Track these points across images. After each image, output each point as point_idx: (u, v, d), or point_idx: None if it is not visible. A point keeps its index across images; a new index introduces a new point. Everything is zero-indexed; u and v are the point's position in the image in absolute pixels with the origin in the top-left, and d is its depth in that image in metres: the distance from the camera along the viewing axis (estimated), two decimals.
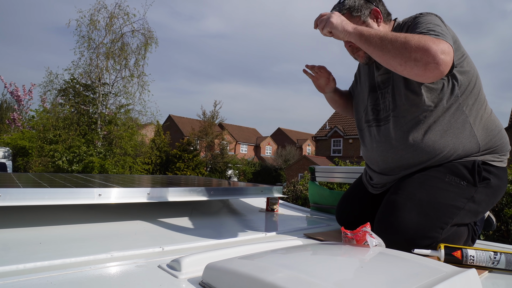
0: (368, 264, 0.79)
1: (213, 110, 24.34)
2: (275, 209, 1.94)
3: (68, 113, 11.83)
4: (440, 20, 1.22)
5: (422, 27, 1.16)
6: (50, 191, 1.19)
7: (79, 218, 1.43)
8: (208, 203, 2.09)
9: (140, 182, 1.93)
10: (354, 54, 1.38)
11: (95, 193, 1.27)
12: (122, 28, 12.53)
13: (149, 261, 0.92)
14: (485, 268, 0.97)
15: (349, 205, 1.54)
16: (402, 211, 1.15)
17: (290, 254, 0.84)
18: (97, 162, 11.15)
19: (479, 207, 1.22)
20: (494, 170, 1.24)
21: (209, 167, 24.54)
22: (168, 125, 30.27)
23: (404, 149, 1.26)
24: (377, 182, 1.41)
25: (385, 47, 1.10)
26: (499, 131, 1.28)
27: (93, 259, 0.91)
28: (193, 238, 1.21)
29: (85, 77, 12.17)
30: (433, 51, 1.04)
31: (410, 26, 1.24)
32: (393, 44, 1.09)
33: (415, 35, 1.09)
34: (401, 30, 1.29)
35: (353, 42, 1.19)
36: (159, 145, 21.40)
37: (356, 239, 0.96)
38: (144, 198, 1.39)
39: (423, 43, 1.05)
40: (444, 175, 1.20)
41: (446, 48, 1.06)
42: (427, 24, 1.16)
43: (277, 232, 1.40)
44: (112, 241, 1.12)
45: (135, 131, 12.78)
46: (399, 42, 1.08)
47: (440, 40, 1.08)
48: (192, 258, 0.84)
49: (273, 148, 41.89)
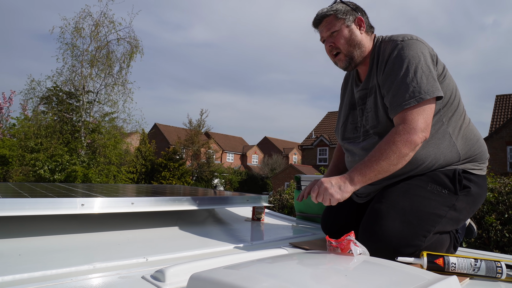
0: (352, 272, 0.80)
1: (200, 119, 24.23)
2: (261, 218, 1.94)
3: (51, 121, 11.59)
4: (424, 46, 1.25)
5: (405, 83, 1.19)
6: (30, 201, 1.16)
7: (60, 229, 1.40)
8: (194, 212, 2.07)
9: (125, 191, 1.90)
10: (335, 58, 1.39)
11: (77, 203, 1.25)
12: (107, 36, 12.45)
13: (132, 272, 0.90)
14: (466, 275, 0.99)
15: (334, 214, 1.55)
16: (386, 219, 1.17)
17: (275, 264, 0.84)
18: (80, 171, 10.92)
19: (460, 214, 1.25)
20: (474, 178, 1.27)
21: (195, 176, 24.35)
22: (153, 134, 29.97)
23: None
24: (362, 192, 1.43)
25: (384, 170, 1.18)
26: (477, 140, 1.32)
27: (75, 270, 0.89)
28: (177, 248, 1.20)
29: (68, 84, 11.98)
30: (414, 144, 1.16)
31: (390, 60, 1.25)
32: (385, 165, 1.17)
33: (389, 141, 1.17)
34: (380, 54, 1.32)
35: (362, 185, 1.21)
36: (144, 154, 21.12)
37: (341, 247, 0.97)
38: (128, 208, 1.37)
39: (402, 151, 1.16)
40: (426, 183, 1.23)
41: (422, 125, 1.16)
42: (412, 76, 1.19)
43: (263, 241, 1.39)
44: (94, 252, 1.10)
45: (120, 139, 12.60)
46: (389, 162, 1.17)
47: (419, 116, 1.16)
48: (176, 269, 0.83)
49: (259, 157, 41.94)
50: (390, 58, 1.26)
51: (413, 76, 1.19)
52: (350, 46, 1.34)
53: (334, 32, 1.34)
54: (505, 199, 2.84)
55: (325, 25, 1.36)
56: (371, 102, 1.34)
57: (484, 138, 15.75)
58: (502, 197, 2.87)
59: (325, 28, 1.36)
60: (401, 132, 1.16)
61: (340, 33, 1.33)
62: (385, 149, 1.17)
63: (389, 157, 1.16)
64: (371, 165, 1.17)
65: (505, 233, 2.66)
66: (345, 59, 1.36)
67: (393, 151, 1.15)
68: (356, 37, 1.34)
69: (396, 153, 1.15)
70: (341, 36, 1.33)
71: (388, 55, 1.27)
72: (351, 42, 1.34)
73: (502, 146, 15.80)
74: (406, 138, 1.15)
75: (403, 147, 1.15)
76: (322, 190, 1.19)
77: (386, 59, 1.27)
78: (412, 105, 1.17)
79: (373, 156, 1.18)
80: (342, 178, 1.20)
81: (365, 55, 1.36)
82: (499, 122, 17.56)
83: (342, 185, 1.18)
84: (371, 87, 1.35)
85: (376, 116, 1.31)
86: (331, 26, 1.34)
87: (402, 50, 1.24)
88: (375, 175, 1.18)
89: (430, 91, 1.17)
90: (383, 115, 1.28)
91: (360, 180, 1.18)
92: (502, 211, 2.80)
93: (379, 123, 1.30)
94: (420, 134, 1.16)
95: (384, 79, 1.26)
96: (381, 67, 1.29)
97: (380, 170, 1.17)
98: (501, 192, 2.91)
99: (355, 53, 1.35)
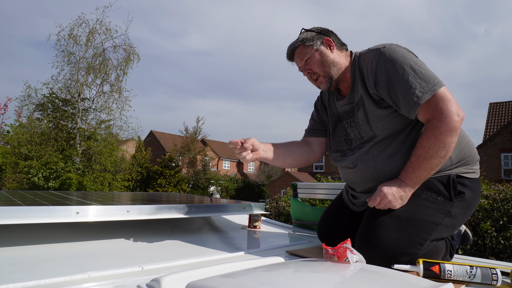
0: (349, 280, 0.79)
1: (196, 126, 24.21)
2: (257, 226, 1.93)
3: (46, 128, 11.52)
4: (405, 50, 1.27)
5: (410, 82, 1.18)
6: (24, 209, 1.15)
7: (55, 237, 1.38)
8: (190, 220, 2.06)
9: (120, 199, 1.89)
10: (316, 82, 1.44)
11: (72, 211, 1.24)
12: (103, 43, 12.47)
13: (127, 281, 0.89)
14: (462, 282, 0.99)
15: (330, 222, 1.55)
16: (382, 228, 1.17)
17: (272, 272, 0.83)
18: (75, 178, 10.83)
19: (456, 220, 1.25)
20: (468, 183, 1.28)
21: (191, 183, 24.25)
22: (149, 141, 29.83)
23: (382, 167, 1.29)
24: (359, 201, 1.44)
25: (436, 166, 1.19)
26: (466, 142, 1.33)
27: (69, 279, 0.88)
28: (173, 256, 1.19)
29: (64, 91, 11.95)
30: (455, 129, 1.15)
31: (380, 67, 1.25)
32: (435, 161, 1.18)
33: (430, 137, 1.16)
34: (362, 66, 1.33)
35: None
36: (140, 161, 21.03)
37: (337, 255, 0.97)
38: (123, 216, 1.36)
39: (447, 142, 1.15)
40: (421, 191, 1.24)
41: (452, 108, 1.15)
42: (413, 74, 1.19)
43: (259, 249, 1.39)
44: (89, 260, 1.09)
45: (115, 146, 12.54)
46: (439, 157, 1.17)
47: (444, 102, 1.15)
48: (172, 277, 0.82)
49: (256, 164, 41.89)
50: (378, 67, 1.26)
51: (413, 73, 1.19)
52: (325, 67, 1.39)
53: (308, 59, 1.41)
54: (500, 206, 2.86)
55: (297, 56, 1.43)
56: (361, 115, 1.35)
57: (478, 145, 15.91)
58: (497, 204, 2.89)
59: (298, 58, 1.43)
60: (437, 125, 1.15)
61: (312, 58, 1.39)
62: (430, 147, 1.16)
63: (437, 153, 1.16)
64: (422, 165, 1.18)
65: (500, 240, 2.67)
66: (325, 80, 1.41)
67: (439, 146, 1.15)
68: (327, 57, 1.39)
69: (441, 147, 1.15)
70: (314, 61, 1.40)
71: (376, 64, 1.27)
72: (325, 63, 1.39)
73: (496, 153, 15.93)
74: (445, 128, 1.14)
75: (446, 138, 1.15)
76: (385, 203, 1.20)
77: (375, 69, 1.27)
78: (428, 98, 1.16)
79: (420, 155, 1.18)
80: (401, 186, 1.20)
81: (342, 71, 1.40)
82: (493, 130, 17.72)
83: (403, 194, 1.20)
84: (357, 101, 1.37)
85: (370, 128, 1.32)
86: (303, 56, 1.41)
87: (389, 55, 1.25)
88: (428, 173, 1.19)
89: (436, 81, 1.17)
90: (377, 124, 1.29)
91: (416, 182, 1.21)
92: (497, 218, 2.81)
93: (375, 133, 1.30)
94: (456, 117, 1.14)
95: (386, 88, 1.24)
96: (370, 78, 1.29)
97: (433, 167, 1.19)
98: (496, 199, 2.93)
99: (332, 72, 1.39)
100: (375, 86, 1.28)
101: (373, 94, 1.30)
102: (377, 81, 1.27)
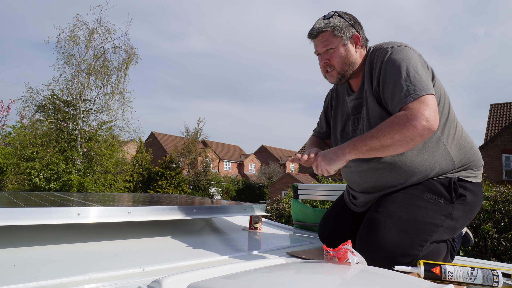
0: (350, 281, 0.79)
1: (197, 127, 24.24)
2: (258, 228, 1.93)
3: (47, 129, 11.55)
4: (413, 52, 1.25)
5: (400, 84, 1.18)
6: (26, 210, 1.15)
7: (56, 239, 1.39)
8: (191, 221, 2.06)
9: (121, 200, 1.89)
10: (327, 74, 1.39)
11: (73, 212, 1.24)
12: (104, 44, 12.50)
13: (128, 282, 0.90)
14: (463, 283, 0.99)
15: (331, 223, 1.55)
16: (383, 229, 1.17)
17: (272, 273, 0.84)
18: (76, 180, 10.85)
19: (457, 223, 1.25)
20: (469, 186, 1.28)
21: (192, 184, 24.26)
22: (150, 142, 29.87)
23: (382, 168, 1.29)
24: (360, 201, 1.44)
25: (376, 149, 1.16)
26: (471, 147, 1.33)
27: (70, 281, 0.88)
28: (174, 257, 1.19)
29: (65, 93, 11.98)
30: (412, 130, 1.10)
31: (382, 67, 1.26)
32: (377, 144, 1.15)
33: (388, 122, 1.15)
34: (372, 63, 1.32)
35: (355, 157, 1.22)
36: (141, 163, 21.07)
37: (338, 256, 0.97)
38: (124, 217, 1.36)
39: (395, 136, 1.12)
40: (423, 193, 1.24)
41: (425, 112, 1.10)
42: (405, 77, 1.18)
43: (260, 250, 1.39)
44: (90, 262, 1.09)
45: (116, 148, 12.56)
46: (382, 144, 1.14)
47: (421, 105, 1.11)
48: (173, 279, 0.83)
49: (256, 165, 41.88)
50: (382, 66, 1.26)
51: (406, 76, 1.18)
52: (345, 65, 1.33)
53: (330, 49, 1.32)
54: (501, 207, 2.85)
55: (321, 40, 1.32)
56: (365, 112, 1.35)
57: (480, 147, 15.86)
58: (498, 205, 2.88)
59: (321, 43, 1.33)
60: (401, 117, 1.13)
61: (337, 51, 1.31)
62: (381, 129, 1.15)
63: (382, 137, 1.14)
64: (365, 140, 1.17)
65: (502, 241, 2.66)
66: (337, 76, 1.36)
67: (388, 132, 1.13)
68: (351, 56, 1.32)
69: (390, 136, 1.12)
70: (337, 54, 1.31)
71: (381, 63, 1.27)
72: (347, 61, 1.32)
73: (497, 155, 15.89)
74: (405, 122, 1.11)
75: (401, 131, 1.11)
76: (318, 163, 1.24)
77: (379, 67, 1.28)
78: (411, 101, 1.14)
79: (370, 133, 1.18)
80: (334, 149, 1.24)
81: (356, 69, 1.36)
82: (494, 131, 17.69)
83: (333, 156, 1.23)
84: (364, 97, 1.36)
85: (369, 124, 1.32)
86: (328, 43, 1.31)
87: (393, 55, 1.24)
88: (366, 150, 1.17)
89: (425, 88, 1.15)
90: (377, 122, 1.28)
91: (350, 151, 1.20)
92: (498, 219, 2.81)
93: None
94: (424, 121, 1.09)
95: (381, 86, 1.26)
96: (375, 75, 1.29)
97: (372, 147, 1.16)
98: (497, 200, 2.93)
99: (348, 71, 1.34)
100: (377, 84, 1.28)
101: (375, 92, 1.30)
102: (378, 79, 1.28)
